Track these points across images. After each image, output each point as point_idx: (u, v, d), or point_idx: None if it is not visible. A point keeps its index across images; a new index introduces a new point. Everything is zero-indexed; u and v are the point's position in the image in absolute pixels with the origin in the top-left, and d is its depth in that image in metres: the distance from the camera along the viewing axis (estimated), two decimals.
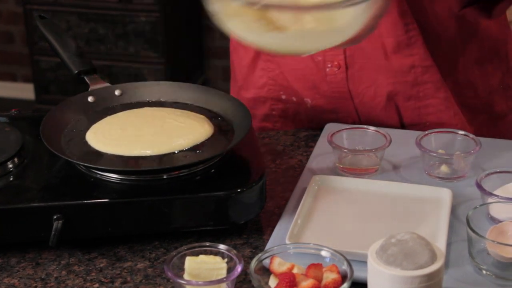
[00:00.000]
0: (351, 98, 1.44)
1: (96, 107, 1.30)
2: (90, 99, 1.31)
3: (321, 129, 1.43)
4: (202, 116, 1.26)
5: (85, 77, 1.34)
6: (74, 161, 1.15)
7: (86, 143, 1.20)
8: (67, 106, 1.29)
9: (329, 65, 1.41)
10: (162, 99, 1.33)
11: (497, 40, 1.50)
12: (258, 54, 1.47)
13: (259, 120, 1.52)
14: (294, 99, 1.48)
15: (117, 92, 1.33)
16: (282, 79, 1.47)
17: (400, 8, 1.36)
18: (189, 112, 1.28)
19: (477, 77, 1.48)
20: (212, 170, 1.16)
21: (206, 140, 1.20)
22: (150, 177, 1.14)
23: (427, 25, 1.40)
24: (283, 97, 1.48)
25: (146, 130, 1.22)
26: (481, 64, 1.47)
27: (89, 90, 1.32)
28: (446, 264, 1.05)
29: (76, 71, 1.34)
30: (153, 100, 1.33)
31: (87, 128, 1.24)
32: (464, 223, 1.06)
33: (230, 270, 1.00)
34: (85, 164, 1.15)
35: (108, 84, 1.34)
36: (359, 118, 1.46)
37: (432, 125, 1.40)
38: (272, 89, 1.48)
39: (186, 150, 1.18)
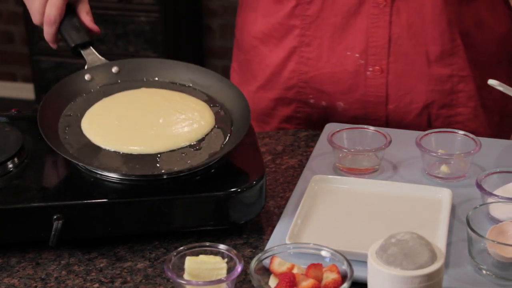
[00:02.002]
0: (386, 103, 1.44)
1: (93, 86, 1.28)
2: (86, 77, 1.28)
3: (321, 129, 1.43)
4: (202, 103, 1.25)
5: (82, 51, 1.31)
6: (72, 160, 1.14)
7: (82, 134, 1.19)
8: (64, 87, 1.26)
9: (370, 69, 1.41)
10: (160, 79, 1.30)
11: (509, 40, 1.51)
12: (290, 55, 1.46)
13: (279, 121, 1.51)
14: (323, 103, 1.47)
15: (114, 70, 1.30)
16: (315, 82, 1.46)
17: (448, 18, 1.37)
18: (189, 98, 1.25)
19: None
20: (212, 170, 1.16)
21: (206, 135, 1.19)
22: (150, 176, 1.13)
23: (467, 33, 1.40)
24: (311, 101, 1.48)
25: (144, 123, 1.20)
26: (498, 66, 1.48)
27: (86, 67, 1.30)
28: (446, 264, 1.05)
29: (73, 45, 1.31)
30: (150, 79, 1.30)
31: (84, 112, 1.22)
32: (464, 223, 1.06)
33: (230, 270, 1.00)
34: (81, 164, 1.14)
35: (105, 61, 1.31)
36: (387, 123, 1.46)
37: None
38: (301, 92, 1.48)
39: (185, 147, 1.17)
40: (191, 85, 1.29)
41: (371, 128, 1.32)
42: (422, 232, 0.96)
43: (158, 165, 1.14)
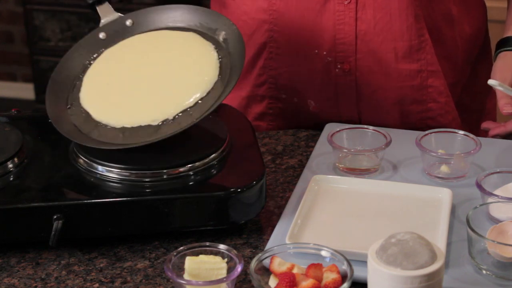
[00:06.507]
0: (357, 101, 1.44)
1: (109, 43, 1.28)
2: (101, 35, 1.28)
3: (321, 129, 1.43)
4: (208, 50, 1.22)
5: (97, 8, 1.30)
6: (70, 137, 1.15)
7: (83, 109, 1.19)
8: (78, 50, 1.27)
9: (338, 66, 1.41)
10: (171, 24, 1.28)
11: (484, 38, 1.52)
12: (261, 51, 1.46)
13: (252, 119, 1.51)
14: (295, 99, 1.47)
15: (128, 23, 1.29)
16: (284, 78, 1.46)
17: (415, 12, 1.37)
18: (195, 45, 1.23)
19: (468, 77, 1.50)
20: (212, 170, 1.16)
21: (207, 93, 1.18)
22: (150, 176, 1.13)
23: (437, 29, 1.41)
24: (283, 96, 1.48)
25: (142, 90, 1.19)
26: (466, 63, 1.49)
27: (100, 25, 1.29)
28: (446, 264, 1.05)
29: (91, 2, 1.29)
30: (163, 26, 1.28)
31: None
32: (464, 223, 1.06)
33: (230, 270, 1.00)
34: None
35: (119, 15, 1.29)
36: (360, 122, 1.47)
37: None
38: (272, 88, 1.48)
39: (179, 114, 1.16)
40: (201, 29, 1.26)
41: (371, 128, 1.32)
42: (422, 232, 0.96)
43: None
